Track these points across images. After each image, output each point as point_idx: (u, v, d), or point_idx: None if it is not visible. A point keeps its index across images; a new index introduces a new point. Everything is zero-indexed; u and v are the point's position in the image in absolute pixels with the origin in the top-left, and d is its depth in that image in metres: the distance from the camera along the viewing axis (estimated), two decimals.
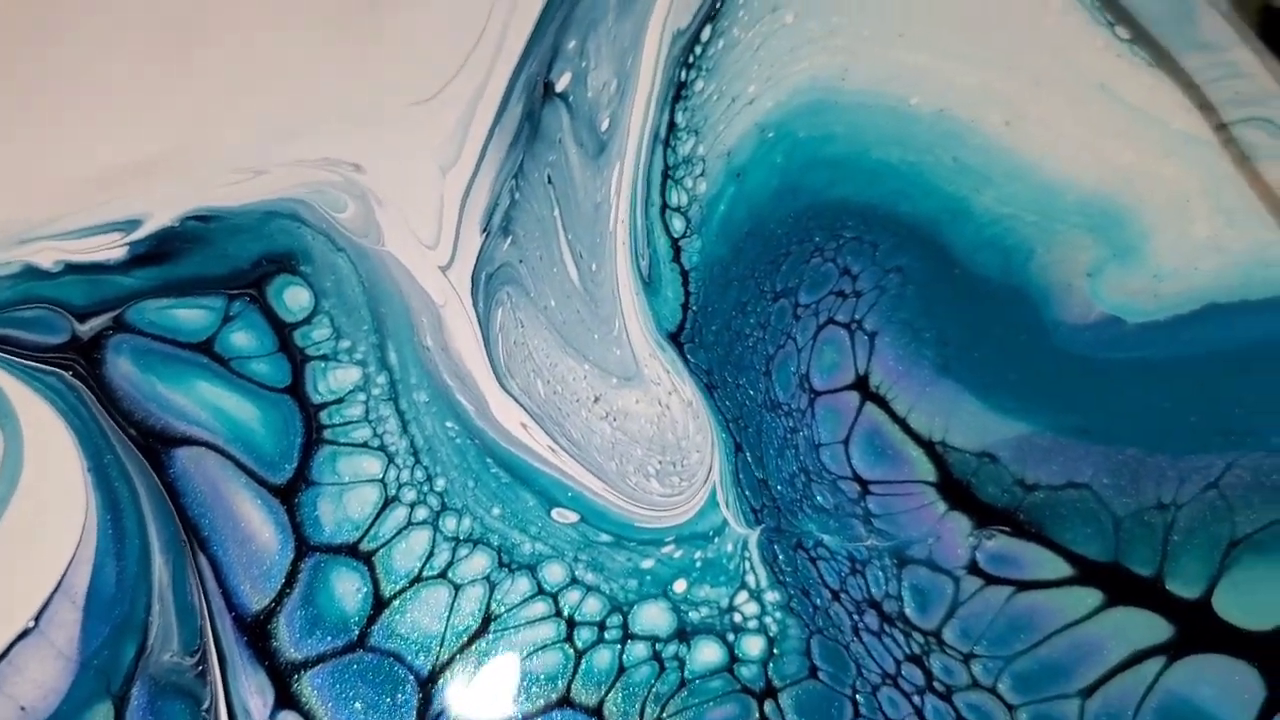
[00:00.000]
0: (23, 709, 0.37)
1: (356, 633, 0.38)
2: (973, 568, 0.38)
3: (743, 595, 0.38)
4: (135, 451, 0.38)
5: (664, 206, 0.40)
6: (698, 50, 0.41)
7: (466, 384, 0.39)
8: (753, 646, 0.38)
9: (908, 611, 0.37)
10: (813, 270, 0.40)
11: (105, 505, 0.38)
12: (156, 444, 0.39)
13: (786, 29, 0.41)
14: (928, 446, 0.38)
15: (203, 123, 0.40)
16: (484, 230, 0.40)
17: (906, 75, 0.40)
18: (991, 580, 0.37)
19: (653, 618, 0.38)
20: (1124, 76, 0.38)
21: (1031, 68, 0.39)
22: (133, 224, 0.39)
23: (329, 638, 0.38)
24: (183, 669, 0.38)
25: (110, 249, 0.39)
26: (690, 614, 0.38)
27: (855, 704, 0.37)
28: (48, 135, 0.39)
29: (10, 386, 0.39)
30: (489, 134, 0.40)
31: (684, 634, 0.38)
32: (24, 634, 0.38)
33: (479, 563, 0.38)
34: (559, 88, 0.41)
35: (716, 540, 0.39)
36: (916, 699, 0.37)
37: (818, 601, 0.38)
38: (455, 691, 0.37)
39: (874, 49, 0.40)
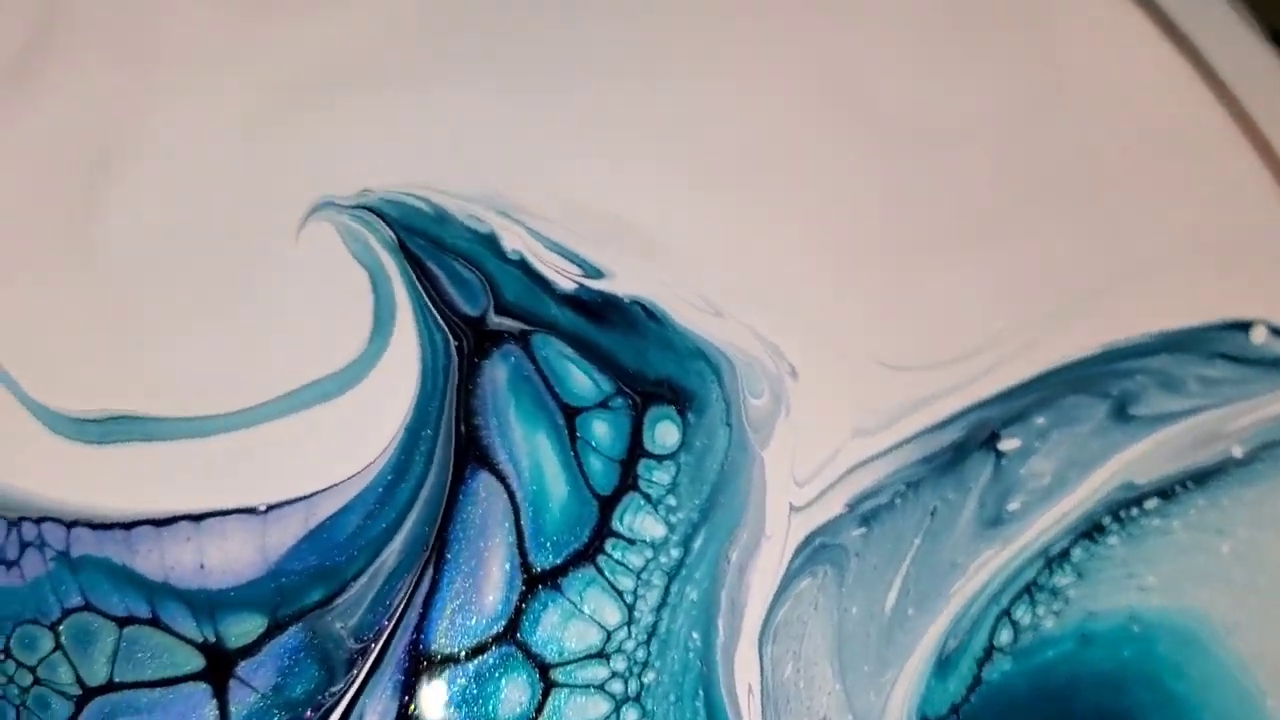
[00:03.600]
0: (201, 567, 0.38)
1: None
2: None
3: None
4: (451, 449, 0.39)
5: (1006, 612, 0.39)
6: (1133, 510, 0.40)
7: (733, 616, 0.39)
8: None
9: None
10: None
11: (393, 468, 0.39)
12: (472, 454, 0.39)
13: (1218, 557, 0.40)
14: None
15: (701, 242, 0.40)
16: (848, 506, 0.39)
17: None
18: None
19: None
20: None
21: None
22: (596, 272, 0.40)
23: None
24: (342, 645, 0.38)
25: (563, 276, 0.40)
26: None
27: None
28: (587, 158, 0.40)
29: (403, 311, 0.40)
30: (915, 434, 0.40)
31: None
32: (250, 510, 0.38)
33: None
34: (1001, 445, 0.40)
35: None
36: None
37: None
38: None
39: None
